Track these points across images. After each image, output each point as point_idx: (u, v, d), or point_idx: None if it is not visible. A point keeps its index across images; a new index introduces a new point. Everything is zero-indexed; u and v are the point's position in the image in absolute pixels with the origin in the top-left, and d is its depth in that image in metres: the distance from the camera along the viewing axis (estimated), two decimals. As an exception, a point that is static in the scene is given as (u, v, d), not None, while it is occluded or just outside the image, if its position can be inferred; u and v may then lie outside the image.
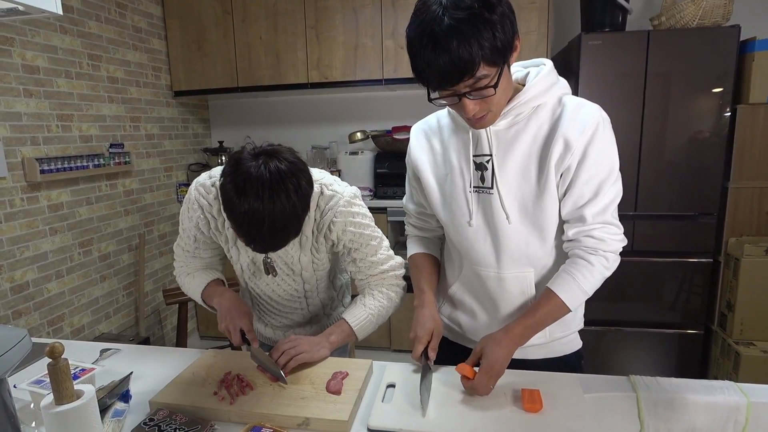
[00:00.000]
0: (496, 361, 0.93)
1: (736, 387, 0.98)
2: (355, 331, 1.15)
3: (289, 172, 0.91)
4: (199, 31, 2.97)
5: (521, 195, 0.98)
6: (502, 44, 0.80)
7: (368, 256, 1.16)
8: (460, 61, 0.78)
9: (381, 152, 3.02)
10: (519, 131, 0.96)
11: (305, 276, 1.18)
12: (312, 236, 1.12)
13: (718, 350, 2.45)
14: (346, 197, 1.10)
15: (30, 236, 2.14)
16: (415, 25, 0.82)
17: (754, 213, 2.35)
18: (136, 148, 2.77)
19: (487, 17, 0.77)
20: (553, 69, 0.97)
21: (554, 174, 0.94)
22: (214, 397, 0.97)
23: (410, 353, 1.05)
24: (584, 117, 0.92)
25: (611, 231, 0.96)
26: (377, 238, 1.17)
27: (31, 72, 2.13)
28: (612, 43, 2.32)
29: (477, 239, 1.04)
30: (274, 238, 0.93)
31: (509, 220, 0.99)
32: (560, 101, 0.96)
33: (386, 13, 2.74)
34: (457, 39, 0.77)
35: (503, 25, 0.80)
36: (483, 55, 0.79)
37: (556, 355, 1.09)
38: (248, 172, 0.89)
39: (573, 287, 0.96)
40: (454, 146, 1.04)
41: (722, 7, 2.24)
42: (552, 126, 0.94)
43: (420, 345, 1.03)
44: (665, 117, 2.33)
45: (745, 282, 2.28)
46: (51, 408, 0.67)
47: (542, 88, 0.94)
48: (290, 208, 0.90)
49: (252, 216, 0.88)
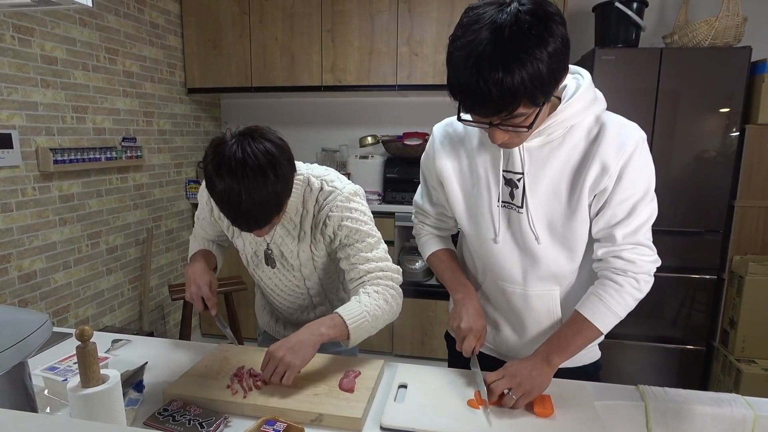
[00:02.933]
0: (518, 371, 0.94)
1: (743, 400, 0.99)
2: (347, 324, 1.02)
3: (266, 151, 0.93)
4: (215, 30, 3.00)
5: (551, 214, 0.95)
6: (547, 85, 0.76)
7: (362, 252, 1.09)
8: (500, 97, 0.74)
9: (391, 157, 3.03)
10: (553, 149, 0.93)
11: (305, 273, 1.18)
12: (310, 232, 1.12)
13: (720, 367, 2.45)
14: (345, 193, 1.09)
15: (40, 225, 2.15)
16: (460, 42, 0.76)
17: (759, 232, 2.37)
18: (148, 142, 2.79)
19: (538, 55, 0.72)
20: (591, 83, 0.92)
21: (588, 195, 0.91)
22: (227, 391, 0.98)
23: (415, 358, 1.05)
24: (623, 139, 0.89)
25: (642, 252, 0.93)
26: (374, 237, 1.12)
27: (49, 63, 2.15)
28: (625, 59, 2.35)
29: (503, 256, 1.02)
30: (253, 215, 0.95)
31: (538, 241, 0.97)
32: (597, 120, 0.92)
33: (402, 20, 2.77)
34: (502, 71, 0.72)
35: (554, 64, 0.74)
36: (526, 94, 0.74)
37: (576, 365, 1.08)
38: (224, 152, 0.92)
39: (602, 309, 0.95)
40: (482, 159, 1.00)
41: (734, 29, 2.27)
42: (588, 147, 0.91)
43: (474, 339, 1.00)
44: (674, 134, 2.35)
45: (748, 300, 2.29)
46: (78, 390, 0.68)
47: (580, 107, 0.89)
48: (267, 185, 0.93)
49: (229, 194, 0.92)
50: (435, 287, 2.77)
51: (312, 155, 3.25)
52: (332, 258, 1.19)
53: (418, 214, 1.21)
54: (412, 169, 2.86)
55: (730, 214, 2.38)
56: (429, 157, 1.09)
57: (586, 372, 1.10)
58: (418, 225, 1.21)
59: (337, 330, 1.02)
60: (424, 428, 0.88)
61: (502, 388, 0.92)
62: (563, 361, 0.97)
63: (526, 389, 0.92)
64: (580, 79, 0.93)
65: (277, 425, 0.85)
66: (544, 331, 1.07)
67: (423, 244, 1.21)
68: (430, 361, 1.25)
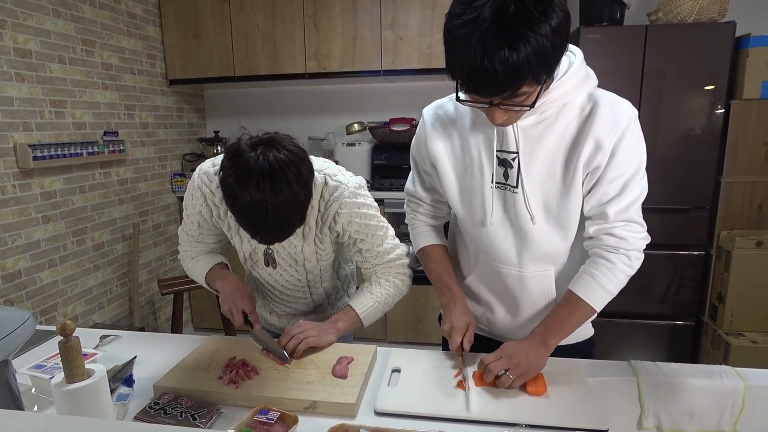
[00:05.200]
0: (515, 353, 0.94)
1: (733, 371, 1.00)
2: (361, 318, 1.15)
3: (289, 161, 0.90)
4: (195, 18, 2.93)
5: (546, 193, 0.95)
6: (552, 61, 0.75)
7: (375, 246, 1.15)
8: (506, 76, 0.72)
9: (378, 144, 3.01)
10: (546, 128, 0.92)
11: (308, 266, 1.18)
12: (316, 227, 1.11)
13: (709, 341, 2.50)
14: (351, 188, 1.08)
15: (22, 224, 2.10)
16: (461, 20, 0.73)
17: (745, 207, 2.39)
18: (130, 136, 2.73)
19: (543, 31, 0.70)
20: (583, 61, 0.91)
21: (581, 173, 0.91)
22: (219, 382, 0.97)
23: (409, 344, 1.06)
24: (616, 116, 0.89)
25: (633, 229, 0.94)
26: (383, 227, 1.15)
27: (23, 56, 2.08)
28: (610, 38, 2.34)
29: (497, 238, 1.02)
30: (278, 228, 0.93)
31: (534, 221, 0.96)
32: (590, 97, 0.92)
33: (385, 5, 2.72)
34: (508, 49, 0.70)
35: (558, 39, 0.73)
36: (531, 72, 0.73)
37: (570, 342, 1.09)
38: (248, 164, 0.88)
39: (595, 287, 0.95)
40: (476, 139, 0.98)
41: (718, 3, 2.27)
42: (581, 124, 0.91)
43: (458, 335, 1.01)
44: (661, 112, 2.36)
45: (735, 274, 2.33)
46: (62, 386, 0.66)
47: (573, 84, 0.89)
48: (293, 197, 0.90)
49: (255, 208, 0.88)
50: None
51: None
52: (335, 249, 1.19)
53: (411, 202, 1.18)
54: (400, 155, 2.84)
55: (717, 190, 2.40)
56: (420, 140, 1.07)
57: (580, 348, 1.11)
58: (411, 214, 1.19)
59: (351, 321, 1.15)
60: (418, 411, 0.88)
61: (500, 369, 0.92)
62: (559, 342, 0.98)
63: (523, 370, 0.92)
64: (572, 57, 0.91)
65: (271, 414, 0.85)
66: (539, 312, 1.07)
67: (415, 236, 1.19)
68: (424, 347, 1.25)
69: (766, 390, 0.97)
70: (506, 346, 0.97)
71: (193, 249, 1.24)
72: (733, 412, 0.97)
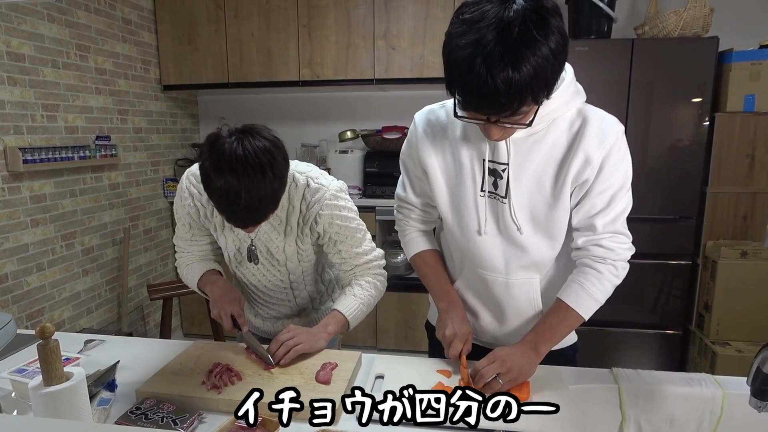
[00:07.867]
0: (507, 358, 0.95)
1: (712, 379, 1.02)
2: (348, 320, 1.16)
3: (264, 148, 0.94)
4: (190, 25, 2.95)
5: (533, 205, 0.97)
6: (551, 82, 0.77)
7: (353, 248, 1.18)
8: (508, 96, 0.74)
9: (371, 152, 3.03)
10: (536, 141, 0.94)
11: (290, 267, 1.19)
12: (297, 227, 1.13)
13: (696, 350, 2.51)
14: (332, 190, 1.12)
15: (10, 227, 2.09)
16: (463, 40, 0.74)
17: (730, 217, 2.43)
18: (123, 141, 2.73)
19: (544, 53, 0.72)
20: (573, 77, 0.93)
21: (570, 186, 0.94)
22: (202, 387, 0.97)
23: (399, 352, 1.06)
24: (604, 132, 0.91)
25: (620, 240, 0.97)
26: (362, 230, 1.20)
27: (16, 60, 2.09)
28: (598, 50, 2.38)
29: (486, 246, 1.03)
30: (251, 211, 0.96)
31: (521, 231, 0.98)
32: (579, 113, 0.94)
33: (378, 14, 2.76)
34: (512, 70, 0.72)
35: (557, 60, 0.75)
36: (532, 92, 0.75)
37: (555, 348, 1.08)
38: (223, 149, 0.92)
39: (583, 296, 0.97)
40: (467, 148, 1.00)
41: (702, 19, 2.32)
42: (571, 139, 0.93)
43: (460, 343, 1.02)
44: (648, 124, 2.40)
45: (721, 284, 2.35)
46: (40, 389, 0.66)
47: (563, 100, 0.91)
48: (266, 182, 0.93)
49: (228, 191, 0.91)
50: (418, 281, 2.73)
51: (292, 151, 3.22)
52: (316, 250, 1.21)
53: (402, 208, 1.17)
54: (392, 162, 2.84)
55: (703, 200, 2.44)
56: (412, 145, 1.07)
57: (564, 355, 1.12)
58: (402, 220, 1.17)
59: (340, 324, 1.15)
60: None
61: (492, 373, 0.93)
62: (549, 349, 1.00)
63: (513, 375, 0.93)
64: (563, 73, 0.93)
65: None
66: (524, 319, 1.08)
67: (407, 242, 1.18)
68: (414, 354, 1.25)
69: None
70: (498, 350, 0.98)
71: (188, 253, 1.26)
72: (712, 420, 0.98)
